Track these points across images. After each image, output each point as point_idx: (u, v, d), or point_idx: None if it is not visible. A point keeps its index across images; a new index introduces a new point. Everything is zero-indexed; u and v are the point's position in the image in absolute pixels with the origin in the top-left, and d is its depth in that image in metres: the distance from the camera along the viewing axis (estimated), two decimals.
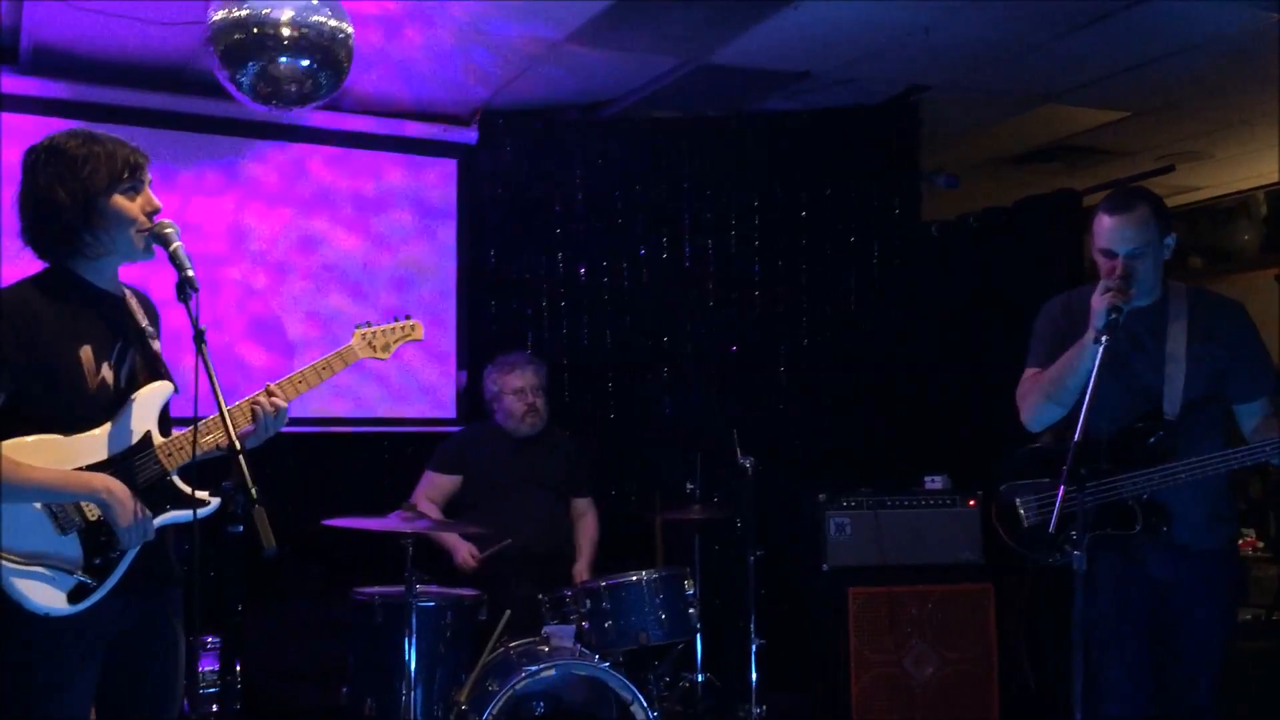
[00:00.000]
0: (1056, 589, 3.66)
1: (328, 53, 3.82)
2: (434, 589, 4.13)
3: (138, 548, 2.45)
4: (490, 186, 5.61)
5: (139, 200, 2.51)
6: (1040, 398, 3.15)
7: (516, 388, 4.73)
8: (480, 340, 5.53)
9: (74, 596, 2.39)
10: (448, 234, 5.60)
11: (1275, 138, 6.41)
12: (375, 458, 5.41)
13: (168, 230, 2.51)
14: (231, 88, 3.91)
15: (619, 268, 5.66)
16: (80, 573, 2.39)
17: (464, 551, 4.52)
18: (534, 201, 5.61)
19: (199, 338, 2.39)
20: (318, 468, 5.11)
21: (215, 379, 2.37)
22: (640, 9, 4.46)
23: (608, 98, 5.56)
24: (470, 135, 5.57)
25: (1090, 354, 2.93)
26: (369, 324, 2.92)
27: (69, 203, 2.43)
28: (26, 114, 4.72)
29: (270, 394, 2.62)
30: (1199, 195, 7.91)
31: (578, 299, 5.63)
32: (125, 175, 2.48)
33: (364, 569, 4.33)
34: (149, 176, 2.55)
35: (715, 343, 5.66)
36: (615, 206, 5.66)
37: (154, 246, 2.53)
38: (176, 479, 2.52)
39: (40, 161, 2.48)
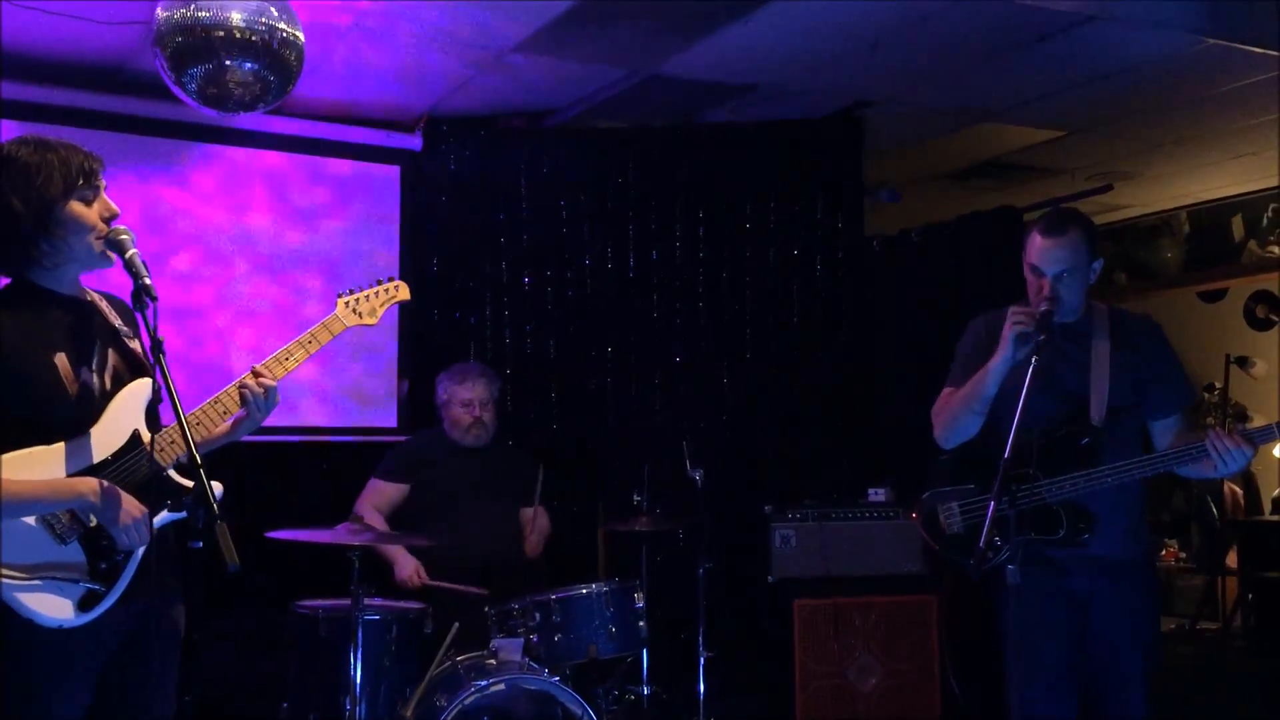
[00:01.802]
0: (975, 603, 3.70)
1: (277, 57, 3.73)
2: (379, 602, 4.05)
3: (143, 549, 2.39)
4: (434, 194, 5.55)
5: (96, 206, 2.45)
6: (956, 410, 3.18)
7: (465, 399, 4.67)
8: (423, 349, 5.47)
9: (84, 605, 2.33)
10: (391, 241, 5.54)
11: (1204, 158, 6.62)
12: (314, 468, 5.31)
13: (123, 237, 2.44)
14: (177, 90, 3.80)
15: (563, 277, 5.63)
16: (87, 580, 2.33)
17: (410, 569, 4.43)
18: (478, 209, 5.56)
19: (156, 347, 2.33)
20: (257, 478, 4.99)
21: (174, 389, 2.31)
22: (589, 20, 4.45)
23: (554, 106, 5.54)
24: (414, 142, 5.51)
25: (1004, 365, 3.01)
26: (351, 291, 2.83)
27: (25, 212, 2.36)
28: None
29: (257, 375, 2.56)
30: (1125, 213, 8.12)
31: (522, 308, 5.58)
32: (81, 182, 2.42)
33: (305, 581, 4.25)
34: (104, 182, 2.48)
35: (660, 353, 5.66)
36: (560, 216, 5.64)
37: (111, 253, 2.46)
38: (174, 473, 2.45)
39: None
